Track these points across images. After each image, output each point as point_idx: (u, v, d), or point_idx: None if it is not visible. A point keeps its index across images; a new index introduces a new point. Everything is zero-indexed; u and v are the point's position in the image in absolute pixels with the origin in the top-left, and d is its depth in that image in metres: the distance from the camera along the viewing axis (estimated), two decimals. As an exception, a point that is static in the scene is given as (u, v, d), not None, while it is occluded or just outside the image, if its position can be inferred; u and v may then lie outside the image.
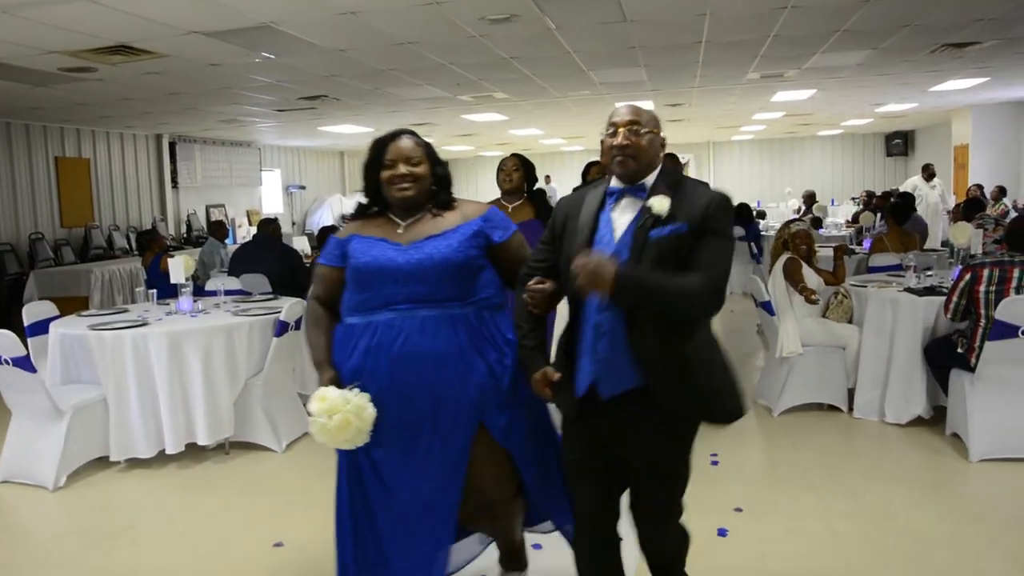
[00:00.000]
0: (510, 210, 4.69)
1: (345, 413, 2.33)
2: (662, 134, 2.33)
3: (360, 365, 2.49)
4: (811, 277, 5.41)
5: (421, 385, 2.46)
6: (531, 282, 2.39)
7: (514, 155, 4.81)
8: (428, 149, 2.64)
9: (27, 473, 4.57)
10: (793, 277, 5.35)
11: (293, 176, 18.58)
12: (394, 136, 2.63)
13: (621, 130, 2.26)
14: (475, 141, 18.13)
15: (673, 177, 2.31)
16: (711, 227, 2.18)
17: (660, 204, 2.19)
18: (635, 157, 2.26)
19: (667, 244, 2.18)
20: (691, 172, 21.03)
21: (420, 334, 2.47)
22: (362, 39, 6.40)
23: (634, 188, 2.28)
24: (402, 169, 2.55)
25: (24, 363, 4.35)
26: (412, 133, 2.66)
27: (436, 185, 2.64)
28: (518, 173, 4.77)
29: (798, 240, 5.51)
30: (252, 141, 15.94)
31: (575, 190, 2.96)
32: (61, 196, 11.50)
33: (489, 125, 13.95)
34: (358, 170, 2.72)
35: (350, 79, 8.34)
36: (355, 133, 14.13)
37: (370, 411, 2.39)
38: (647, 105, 10.13)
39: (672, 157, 5.80)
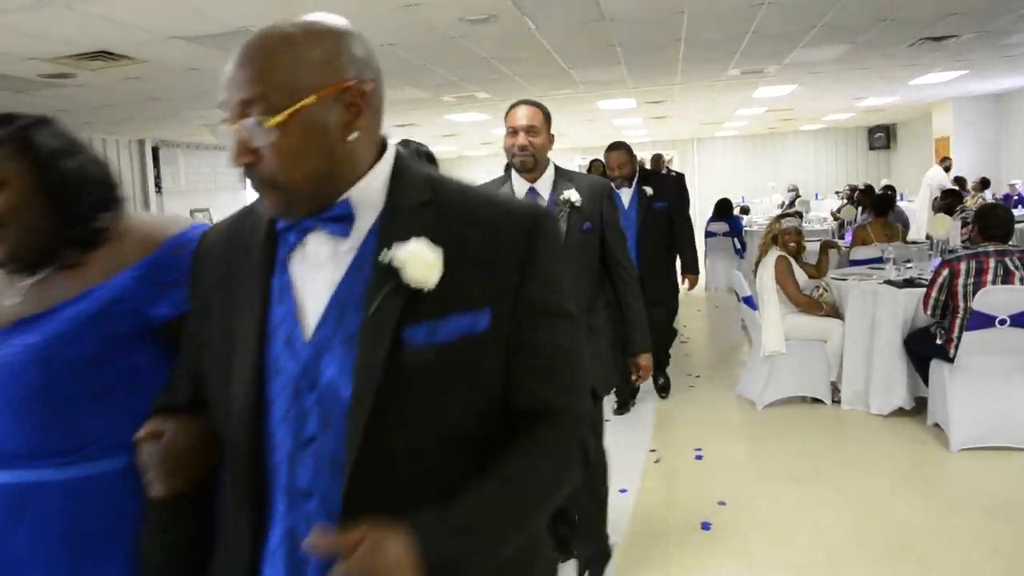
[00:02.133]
0: None
1: None
2: (358, 100, 1.04)
3: None
4: (800, 276, 5.46)
5: None
6: (142, 431, 1.13)
7: (402, 143, 3.19)
8: (26, 141, 1.37)
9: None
10: (783, 278, 5.37)
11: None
12: None
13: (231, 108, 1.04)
14: (458, 141, 18.12)
15: (420, 181, 1.11)
16: (541, 304, 1.10)
17: (420, 268, 1.01)
18: (275, 184, 1.03)
19: (450, 356, 1.04)
20: (675, 168, 21.05)
21: None
22: (342, 41, 6.41)
23: (325, 219, 1.06)
24: None
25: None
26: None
27: (55, 204, 1.38)
28: None
29: (787, 237, 5.54)
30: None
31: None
32: (44, 203, 11.44)
33: (472, 125, 13.94)
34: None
35: (331, 81, 8.33)
36: (339, 135, 14.09)
37: None
38: (628, 103, 10.03)
39: (621, 145, 5.40)
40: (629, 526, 3.70)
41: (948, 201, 9.12)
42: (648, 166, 10.56)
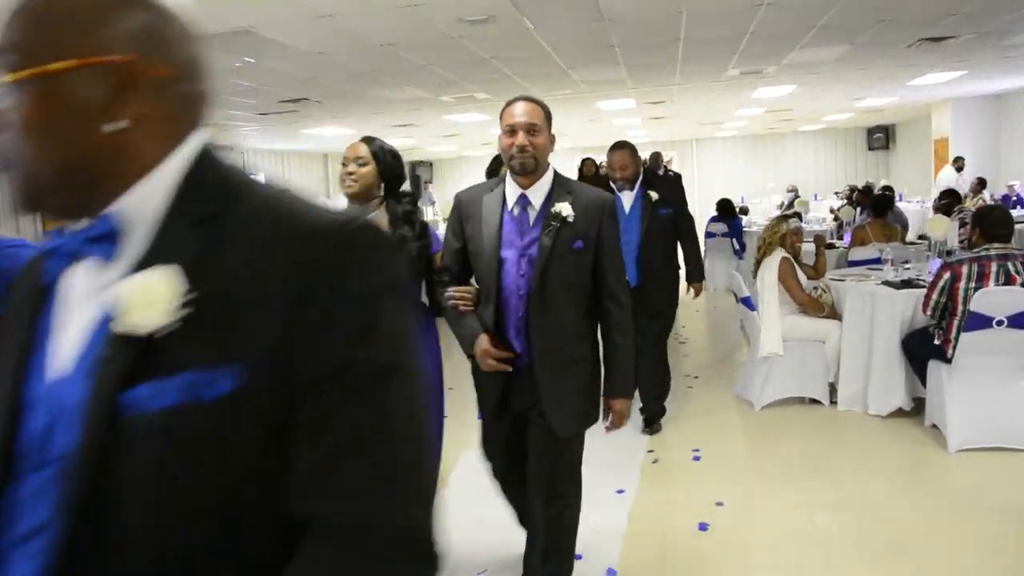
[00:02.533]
0: None
1: None
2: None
3: None
4: (800, 276, 5.46)
5: None
6: None
7: (365, 139, 3.03)
8: None
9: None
10: (787, 279, 5.36)
11: (277, 179, 18.54)
12: None
13: None
14: (458, 141, 18.14)
15: (215, 189, 0.85)
16: (335, 360, 0.78)
17: (140, 307, 0.76)
18: (9, 162, 0.82)
19: (181, 431, 0.76)
20: (675, 168, 21.02)
21: None
22: (341, 41, 6.41)
23: (87, 238, 0.83)
24: None
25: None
26: None
27: None
28: (368, 168, 2.97)
29: (795, 238, 5.55)
30: (235, 145, 15.90)
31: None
32: (43, 203, 11.46)
33: (472, 125, 13.96)
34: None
35: (331, 81, 8.34)
36: (338, 135, 14.11)
37: None
38: (627, 104, 10.01)
39: (625, 144, 4.83)
40: (627, 526, 3.70)
41: (946, 202, 9.12)
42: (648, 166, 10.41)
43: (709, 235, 11.12)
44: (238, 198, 0.84)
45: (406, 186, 3.15)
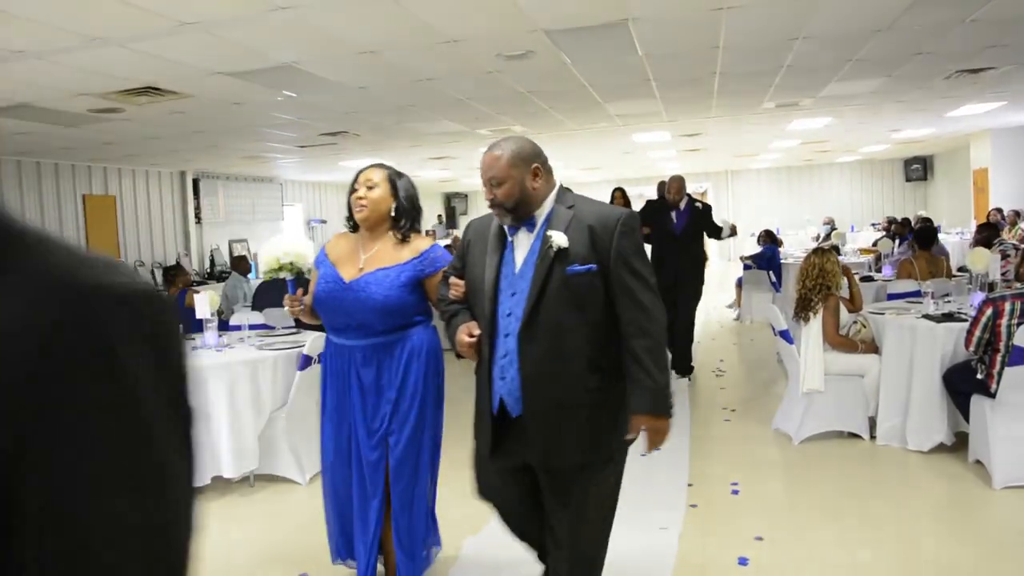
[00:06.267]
0: None
1: None
2: None
3: None
4: (843, 313, 5.45)
5: None
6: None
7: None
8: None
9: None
10: (828, 317, 5.33)
11: (315, 211, 18.78)
12: None
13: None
14: (494, 173, 18.24)
15: None
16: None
17: None
18: None
19: None
20: (710, 200, 20.92)
21: None
22: (382, 77, 6.53)
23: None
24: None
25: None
26: None
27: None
28: None
29: (837, 267, 5.58)
30: (274, 176, 16.16)
31: None
32: (88, 233, 11.70)
33: (507, 157, 14.05)
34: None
35: (370, 115, 8.48)
36: (375, 167, 14.27)
37: None
38: (662, 136, 9.94)
39: (499, 144, 2.62)
40: (675, 562, 3.68)
41: (985, 234, 9.02)
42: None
43: (746, 267, 11.16)
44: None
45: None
